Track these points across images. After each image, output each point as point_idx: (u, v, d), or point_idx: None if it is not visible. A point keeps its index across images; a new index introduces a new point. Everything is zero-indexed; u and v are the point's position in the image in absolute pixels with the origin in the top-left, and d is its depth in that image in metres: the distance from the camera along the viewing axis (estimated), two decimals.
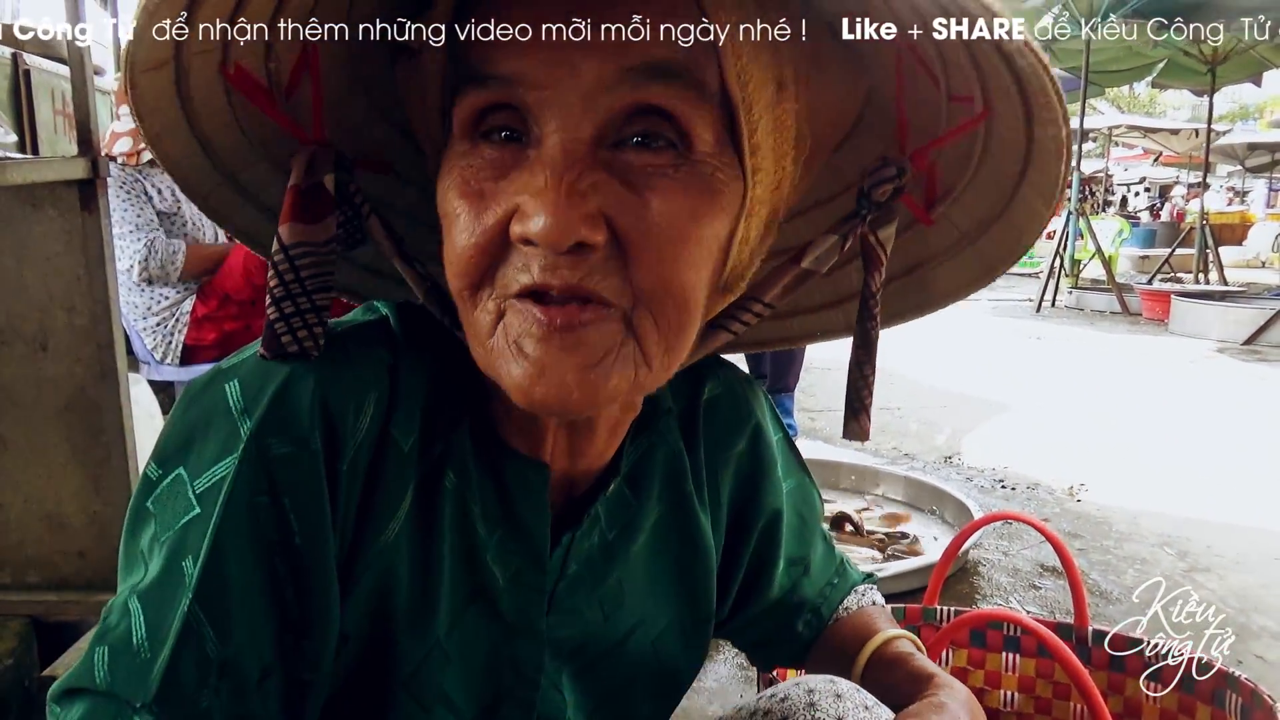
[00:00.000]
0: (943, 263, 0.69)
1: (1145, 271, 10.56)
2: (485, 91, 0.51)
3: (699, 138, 0.50)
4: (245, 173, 0.63)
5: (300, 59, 0.56)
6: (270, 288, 0.55)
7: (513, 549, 0.63)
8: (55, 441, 1.62)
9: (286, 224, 0.55)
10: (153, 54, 0.50)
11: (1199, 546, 2.56)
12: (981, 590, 2.24)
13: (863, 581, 0.88)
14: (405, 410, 0.58)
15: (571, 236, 0.48)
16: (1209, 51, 8.31)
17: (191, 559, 0.52)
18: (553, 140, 0.49)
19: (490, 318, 0.52)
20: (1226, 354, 5.92)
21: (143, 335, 2.61)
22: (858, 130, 0.64)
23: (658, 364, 0.53)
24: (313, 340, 0.55)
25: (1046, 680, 1.22)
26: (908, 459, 3.34)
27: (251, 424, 0.53)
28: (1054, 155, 0.55)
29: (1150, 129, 13.96)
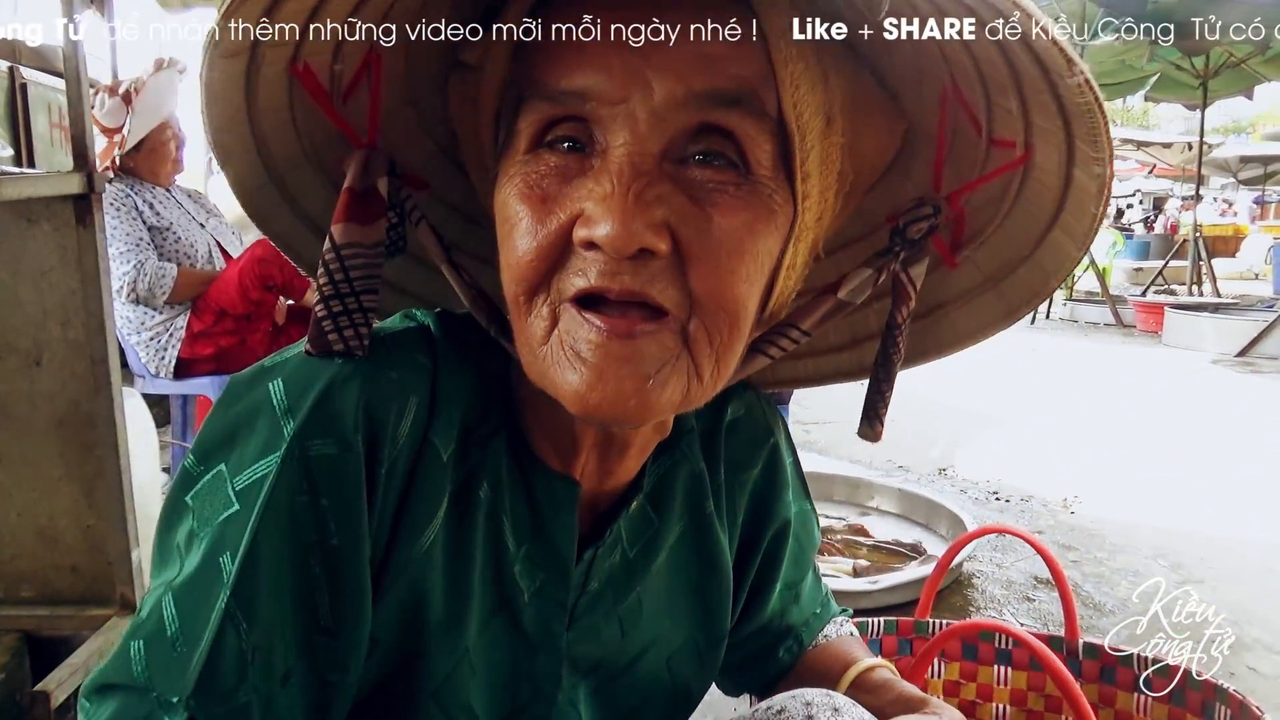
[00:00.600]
0: (962, 305, 0.70)
1: (1139, 284, 10.59)
2: (556, 105, 0.52)
3: (757, 160, 0.53)
4: (292, 175, 0.64)
5: (363, 65, 0.58)
6: (319, 285, 0.56)
7: (539, 563, 0.64)
8: (49, 456, 1.62)
9: (340, 224, 0.56)
10: (233, 42, 0.51)
11: (1192, 558, 2.56)
12: (976, 602, 2.24)
13: (841, 613, 0.90)
14: (445, 418, 0.59)
15: (636, 243, 0.49)
16: (1200, 66, 8.36)
17: (229, 555, 0.52)
18: (621, 151, 0.51)
19: (545, 324, 0.53)
20: (1220, 366, 5.94)
21: (137, 349, 2.61)
22: (889, 173, 0.66)
23: (708, 378, 0.54)
24: (359, 340, 0.55)
25: (1038, 693, 1.22)
26: (902, 471, 3.35)
27: (295, 424, 0.53)
28: (1093, 196, 0.56)
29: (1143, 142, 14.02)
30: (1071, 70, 0.47)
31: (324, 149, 0.63)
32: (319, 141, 0.62)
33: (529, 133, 0.54)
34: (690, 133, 0.52)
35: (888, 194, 0.68)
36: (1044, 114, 0.54)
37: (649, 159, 0.51)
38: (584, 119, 0.52)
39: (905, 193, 0.67)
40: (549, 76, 0.52)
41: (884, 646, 1.26)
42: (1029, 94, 0.54)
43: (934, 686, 1.27)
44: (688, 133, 0.52)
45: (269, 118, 0.59)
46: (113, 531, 1.62)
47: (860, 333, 0.76)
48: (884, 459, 3.49)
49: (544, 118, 0.53)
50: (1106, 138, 0.51)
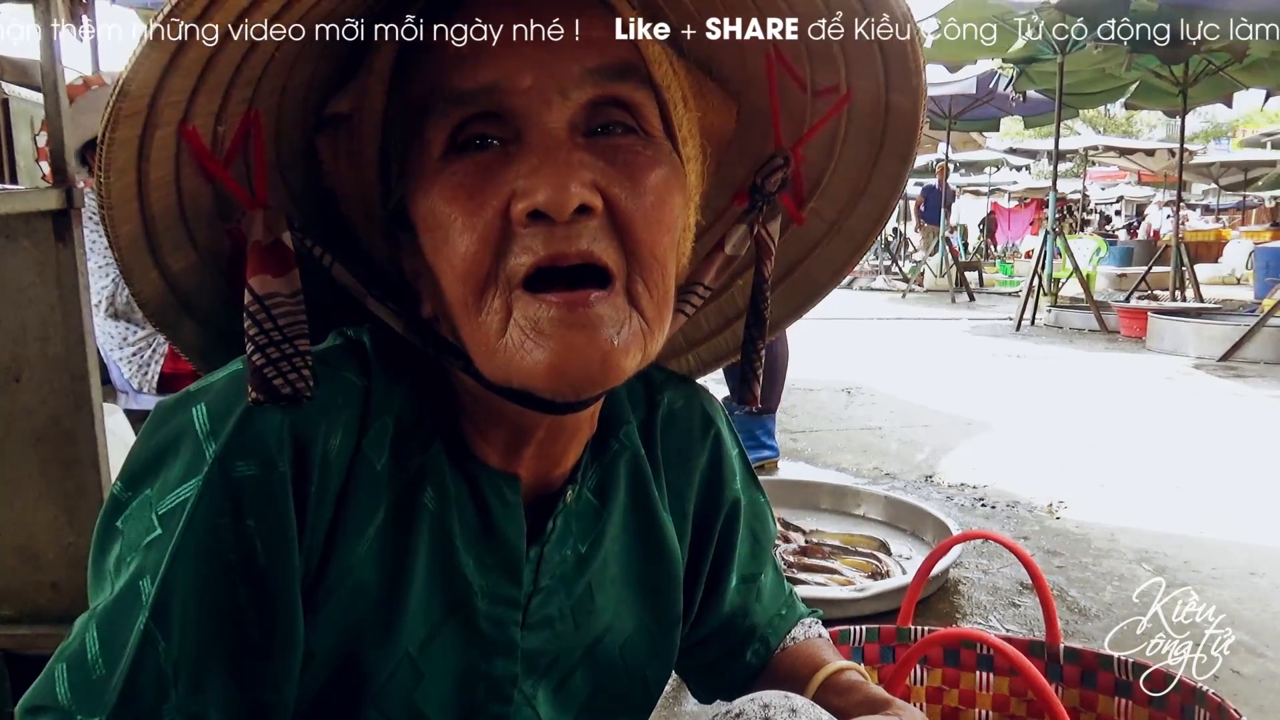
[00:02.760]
0: (816, 256, 0.78)
1: (1123, 289, 10.68)
2: (465, 106, 0.55)
3: (650, 124, 0.59)
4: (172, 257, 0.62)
5: (241, 126, 0.58)
6: (250, 335, 0.55)
7: (489, 563, 0.65)
8: (29, 473, 1.61)
9: (256, 276, 0.56)
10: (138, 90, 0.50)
11: (1176, 562, 2.58)
12: (961, 609, 2.25)
13: (808, 614, 0.90)
14: (378, 429, 0.60)
15: (575, 199, 0.52)
16: (1180, 73, 8.45)
17: (149, 579, 0.53)
18: (537, 131, 0.54)
19: (499, 317, 0.54)
20: (1203, 370, 5.98)
21: (120, 365, 2.60)
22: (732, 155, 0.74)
23: (656, 332, 0.58)
24: (304, 382, 0.55)
25: (1020, 699, 1.22)
26: (888, 478, 3.35)
27: (217, 446, 0.54)
28: (912, 113, 0.65)
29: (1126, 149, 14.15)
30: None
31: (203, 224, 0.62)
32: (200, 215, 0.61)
33: (440, 139, 0.56)
34: (590, 107, 0.56)
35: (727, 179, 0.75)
36: (863, 48, 0.62)
37: (563, 132, 0.55)
38: (492, 113, 0.55)
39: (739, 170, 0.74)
40: (453, 80, 0.55)
41: (866, 654, 1.27)
42: (846, 31, 0.61)
43: (916, 693, 1.27)
44: (588, 107, 0.56)
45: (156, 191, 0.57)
46: None
47: (729, 313, 0.83)
48: (870, 466, 3.50)
49: (454, 120, 0.55)
50: (918, 53, 0.60)
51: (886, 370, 5.58)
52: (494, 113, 0.55)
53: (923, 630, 1.26)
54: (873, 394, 4.88)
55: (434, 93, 0.56)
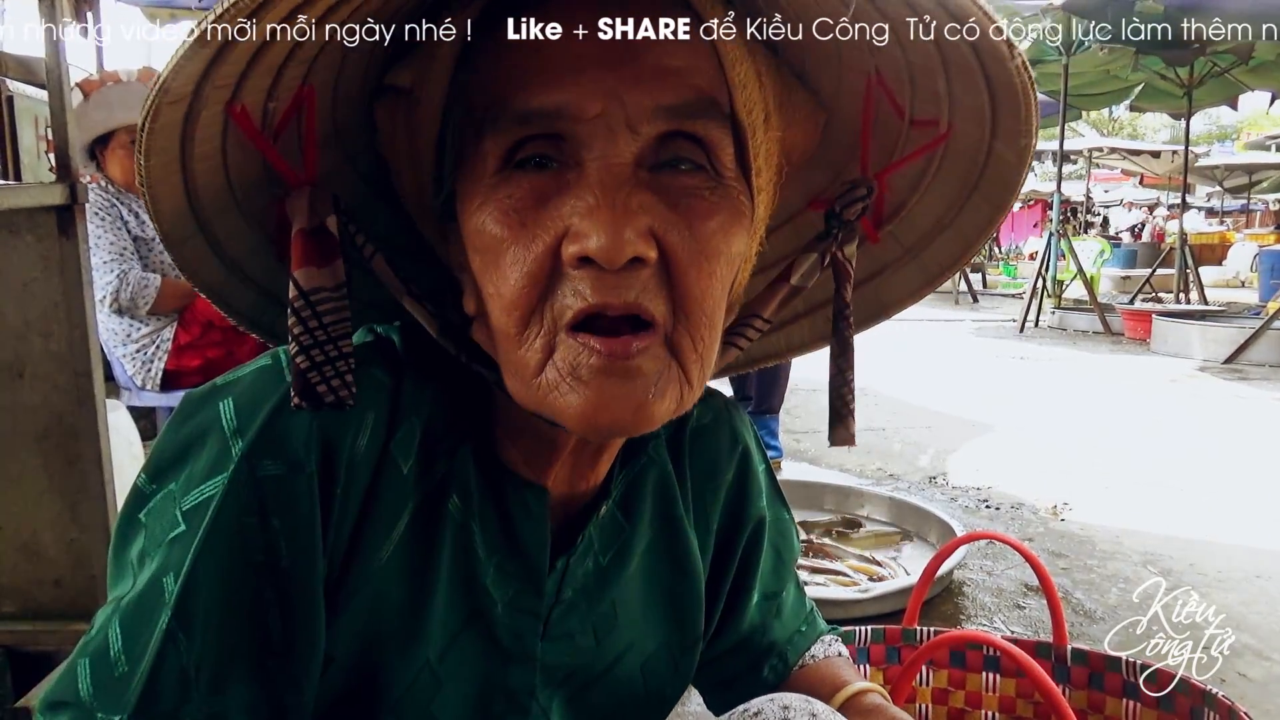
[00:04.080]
0: (885, 278, 0.74)
1: (1127, 291, 10.65)
2: (526, 125, 0.52)
3: (723, 162, 0.55)
4: (219, 222, 0.62)
5: (295, 101, 0.56)
6: (295, 335, 0.54)
7: (511, 573, 0.63)
8: (32, 469, 1.60)
9: (301, 269, 0.54)
10: (181, 86, 0.49)
11: (1182, 564, 2.57)
12: (966, 610, 2.24)
13: (829, 631, 0.89)
14: (405, 431, 0.58)
15: (630, 251, 0.49)
16: (1185, 75, 8.43)
17: (173, 576, 0.52)
18: (599, 164, 0.51)
19: (539, 356, 0.52)
20: (1208, 373, 5.97)
21: (123, 361, 2.60)
22: (806, 162, 0.70)
23: (696, 381, 0.55)
24: (347, 389, 0.54)
25: (1027, 700, 1.21)
26: (892, 479, 3.34)
27: (244, 444, 0.53)
28: (1014, 166, 0.60)
29: (1131, 151, 14.13)
30: (1012, 54, 0.50)
31: (254, 193, 0.61)
32: (249, 186, 0.60)
33: (497, 154, 0.53)
34: (659, 140, 0.53)
35: (805, 180, 0.71)
36: (971, 92, 0.57)
37: (626, 169, 0.51)
38: (554, 135, 0.52)
39: (819, 176, 0.71)
40: (516, 96, 0.52)
41: (872, 655, 1.26)
42: (955, 75, 0.57)
43: (922, 695, 1.26)
44: (657, 141, 0.53)
45: (201, 164, 0.56)
46: (96, 545, 1.61)
47: (799, 309, 0.79)
48: (874, 467, 3.50)
49: (513, 138, 0.52)
50: (1034, 113, 0.55)
51: (889, 371, 5.57)
52: (556, 134, 0.52)
53: (928, 632, 1.25)
54: (876, 395, 4.87)
55: (495, 104, 0.53)
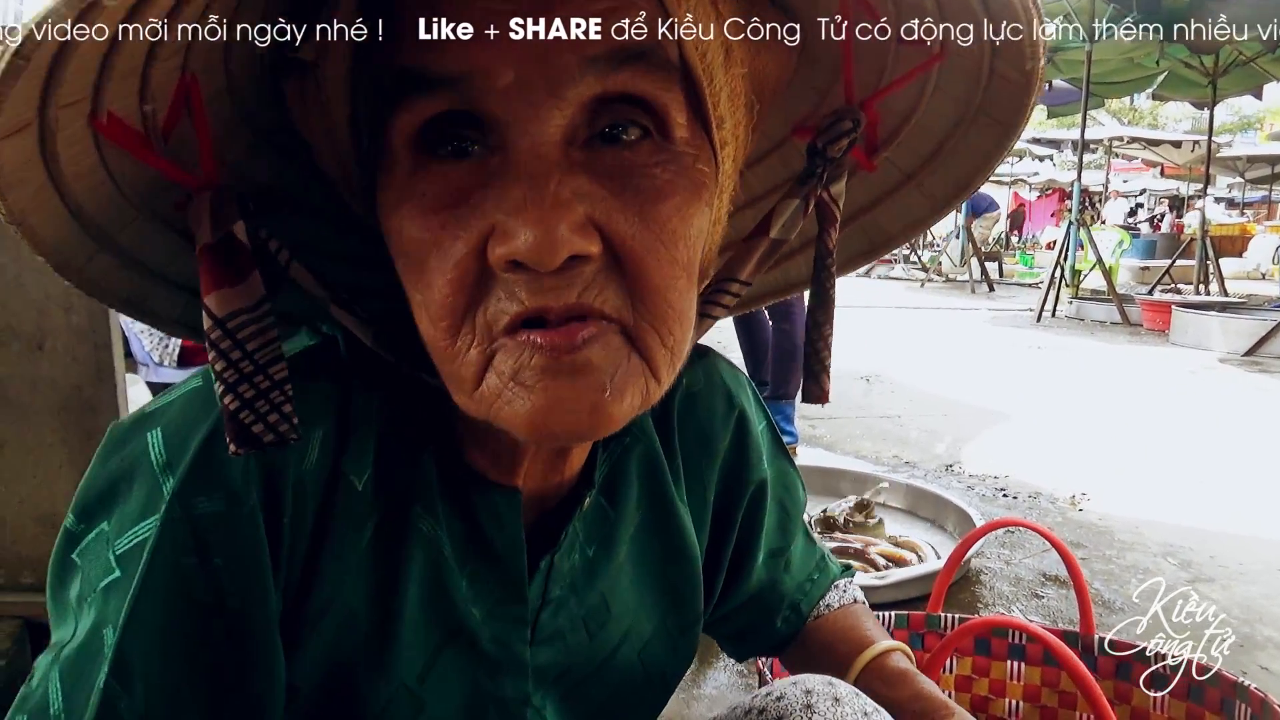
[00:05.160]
0: (885, 207, 0.67)
1: (1145, 282, 10.57)
2: (433, 99, 0.44)
3: (674, 120, 0.47)
4: (123, 234, 0.53)
5: (178, 95, 0.47)
6: (218, 372, 0.47)
7: (489, 581, 0.59)
8: (51, 442, 1.60)
9: (212, 293, 0.47)
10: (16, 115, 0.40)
11: (1202, 556, 2.54)
12: (983, 599, 2.22)
13: (841, 575, 0.86)
14: (358, 445, 0.53)
15: (564, 250, 0.43)
16: (1210, 63, 8.32)
17: (111, 629, 0.48)
18: (521, 145, 0.44)
19: (474, 368, 0.46)
20: (1228, 365, 5.91)
21: (140, 337, 2.60)
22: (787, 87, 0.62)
23: (666, 375, 0.49)
24: (288, 424, 0.48)
25: (1052, 689, 1.20)
26: (908, 467, 3.32)
27: (175, 481, 0.48)
28: (1022, 88, 0.52)
29: (1152, 141, 13.98)
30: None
31: (154, 198, 0.52)
32: (146, 192, 0.52)
33: (405, 138, 0.46)
34: (593, 106, 0.45)
35: (786, 104, 0.62)
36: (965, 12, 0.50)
37: (554, 148, 0.44)
38: (469, 113, 0.44)
39: (806, 100, 0.63)
40: (416, 62, 0.44)
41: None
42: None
43: (945, 682, 1.25)
44: (590, 107, 0.45)
45: (79, 183, 0.48)
46: None
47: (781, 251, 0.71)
48: (890, 454, 3.48)
49: (419, 118, 0.45)
50: (1039, 36, 0.48)
51: (905, 359, 5.54)
52: (469, 111, 0.45)
53: (953, 618, 1.24)
54: (892, 382, 4.85)
55: (396, 75, 0.45)
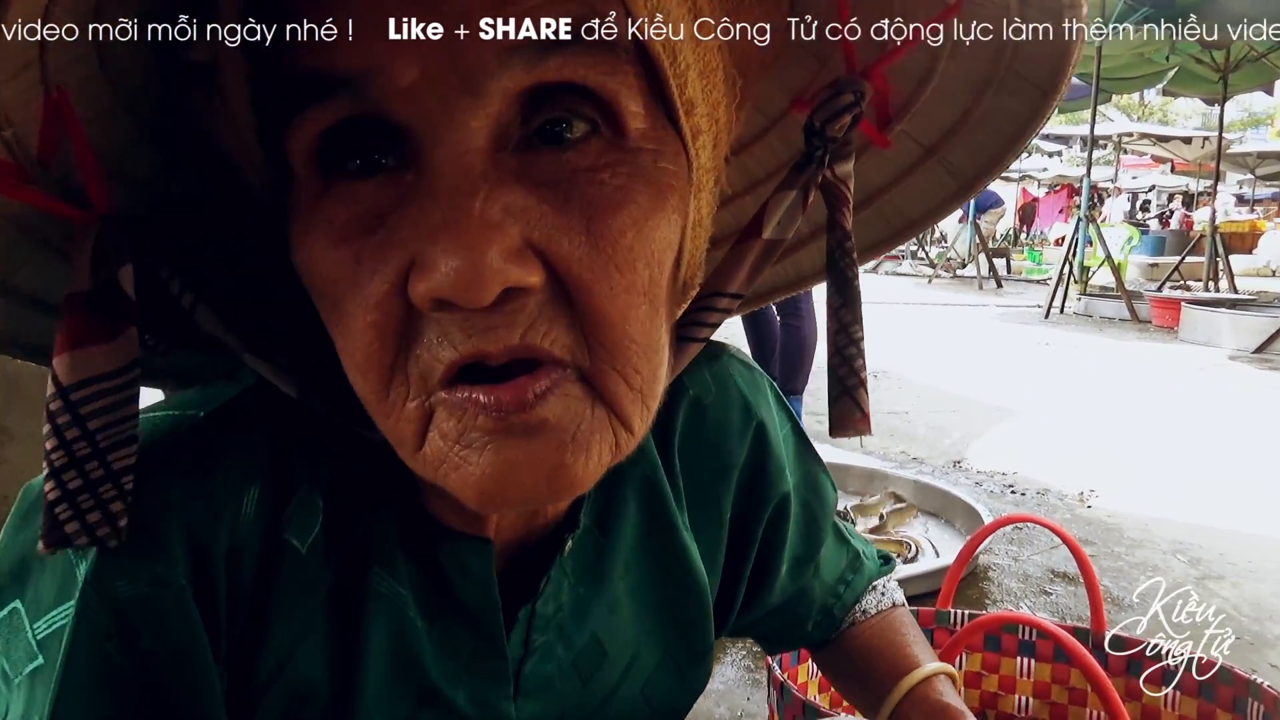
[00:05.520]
0: (904, 187, 0.58)
1: (1154, 279, 10.53)
2: (327, 106, 0.37)
3: (627, 111, 0.38)
4: (18, 276, 0.45)
5: (47, 114, 0.39)
6: (46, 452, 0.40)
7: (461, 638, 0.53)
8: None
9: (64, 354, 0.40)
10: None
11: (1212, 554, 2.53)
12: (991, 595, 2.22)
13: (880, 573, 0.80)
14: (299, 505, 0.47)
15: (495, 282, 0.35)
16: (1221, 59, 8.28)
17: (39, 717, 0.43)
18: (437, 156, 0.36)
19: (413, 426, 0.40)
20: (1237, 362, 5.89)
21: None
22: (781, 52, 0.53)
23: (638, 423, 0.42)
24: (108, 525, 0.40)
25: (1062, 686, 1.20)
26: (916, 463, 3.32)
27: (88, 566, 0.42)
28: (1059, 47, 0.45)
29: (1161, 137, 13.91)
30: None
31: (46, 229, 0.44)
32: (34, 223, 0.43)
33: (304, 155, 0.38)
34: (524, 101, 0.37)
35: (782, 74, 0.54)
36: None
37: (478, 156, 0.36)
38: (374, 118, 0.37)
39: (800, 65, 0.53)
40: (305, 60, 0.37)
41: None
42: None
43: None
44: (518, 102, 0.37)
45: None
46: None
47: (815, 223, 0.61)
48: (897, 451, 3.47)
49: (316, 129, 0.37)
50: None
51: (913, 355, 5.53)
52: (373, 116, 0.37)
53: (963, 615, 1.24)
54: (899, 378, 4.84)
55: (289, 83, 0.38)
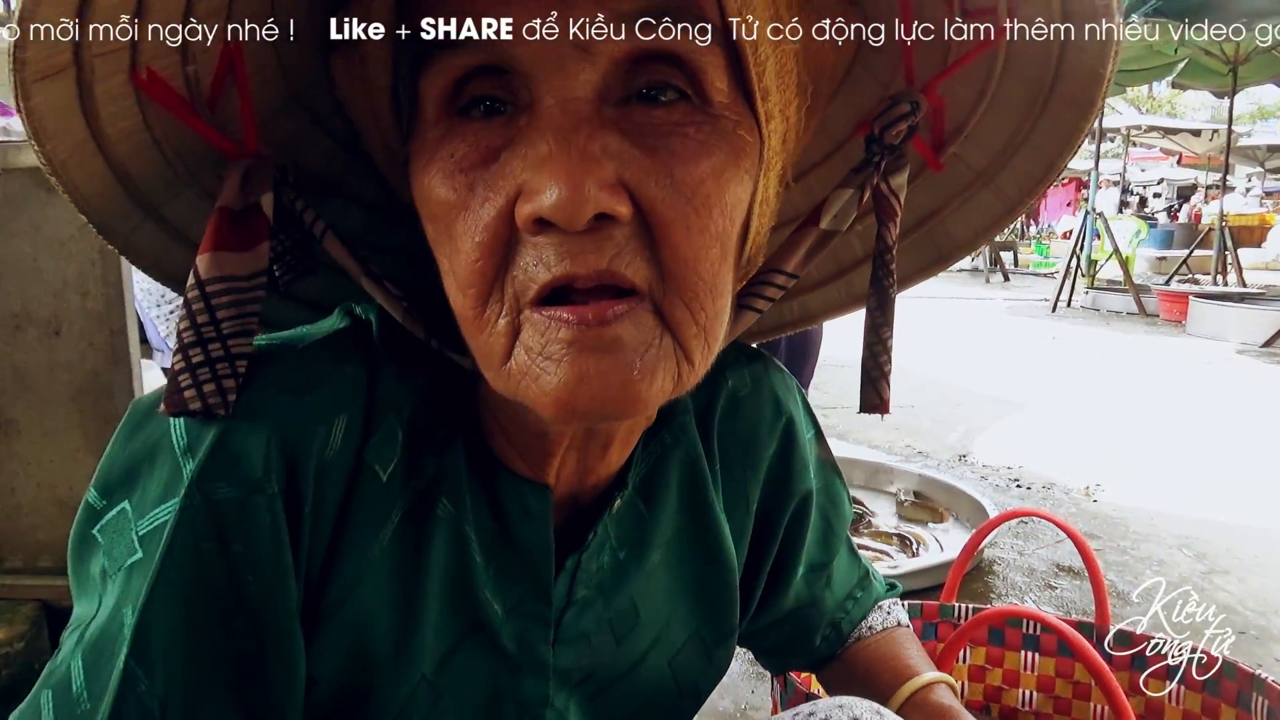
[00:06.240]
0: (956, 209, 0.63)
1: (1162, 273, 10.48)
2: (463, 54, 0.44)
3: (713, 85, 0.45)
4: (170, 206, 0.54)
5: (222, 62, 0.48)
6: (179, 331, 0.47)
7: (512, 577, 0.58)
8: (68, 426, 1.62)
9: (207, 253, 0.47)
10: (47, 56, 0.40)
11: (1218, 548, 2.53)
12: (996, 589, 2.22)
13: (886, 595, 0.83)
14: (384, 433, 0.52)
15: (591, 207, 0.41)
16: (1230, 52, 8.22)
17: (131, 609, 0.48)
18: (550, 100, 0.43)
19: (504, 340, 0.45)
20: (1245, 356, 5.86)
21: (156, 323, 2.61)
22: (850, 78, 0.60)
23: (699, 358, 0.47)
24: (219, 397, 0.47)
25: (1066, 680, 1.19)
26: (921, 457, 3.32)
27: (195, 465, 0.47)
28: (1097, 57, 0.49)
29: (1170, 129, 13.84)
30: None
31: (203, 169, 0.53)
32: (194, 160, 0.52)
33: (435, 99, 0.45)
34: (626, 65, 0.44)
35: (851, 101, 0.61)
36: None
37: (585, 104, 0.43)
38: (498, 69, 0.44)
39: (871, 95, 0.60)
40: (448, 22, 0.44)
41: None
42: None
43: (959, 672, 1.25)
44: (625, 64, 0.44)
45: (123, 143, 0.48)
46: None
47: (845, 260, 0.68)
48: (903, 444, 3.47)
49: (450, 76, 0.44)
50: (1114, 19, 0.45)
51: (919, 348, 5.51)
52: (499, 67, 0.44)
53: (967, 608, 1.24)
54: (905, 371, 4.82)
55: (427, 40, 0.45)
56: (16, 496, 1.64)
